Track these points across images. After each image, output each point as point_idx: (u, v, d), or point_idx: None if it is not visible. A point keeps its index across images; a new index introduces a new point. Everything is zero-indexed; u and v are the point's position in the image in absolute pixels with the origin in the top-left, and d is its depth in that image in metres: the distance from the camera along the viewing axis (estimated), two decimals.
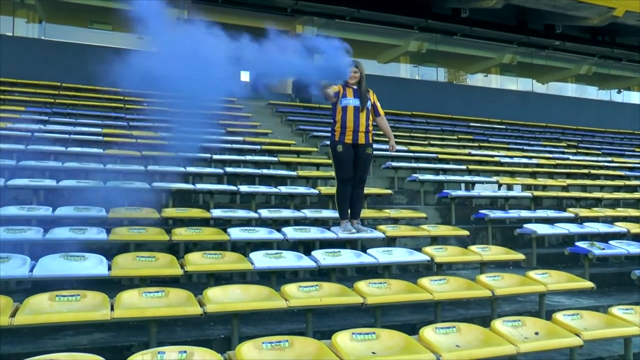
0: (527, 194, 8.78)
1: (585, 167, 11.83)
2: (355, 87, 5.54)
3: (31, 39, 14.82)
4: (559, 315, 3.78)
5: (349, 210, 5.65)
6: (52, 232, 4.70)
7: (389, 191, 8.12)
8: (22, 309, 3.16)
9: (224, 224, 6.06)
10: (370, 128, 5.62)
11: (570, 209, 7.97)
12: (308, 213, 6.35)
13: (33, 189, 6.22)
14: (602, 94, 22.48)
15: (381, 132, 6.17)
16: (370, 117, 5.62)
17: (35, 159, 7.30)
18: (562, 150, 14.00)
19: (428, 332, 3.27)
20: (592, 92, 22.46)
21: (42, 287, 4.26)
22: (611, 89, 22.44)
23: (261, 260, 4.50)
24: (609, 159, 13.19)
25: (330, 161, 6.67)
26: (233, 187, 7.05)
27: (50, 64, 13.68)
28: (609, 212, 8.11)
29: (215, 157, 8.77)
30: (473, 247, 5.63)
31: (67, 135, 8.82)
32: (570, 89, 22.39)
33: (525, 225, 6.76)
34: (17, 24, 14.89)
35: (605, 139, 17.01)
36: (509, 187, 9.85)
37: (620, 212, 8.26)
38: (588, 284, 4.83)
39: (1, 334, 3.50)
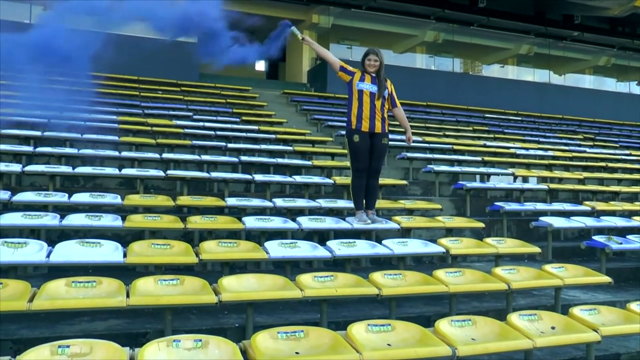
0: (543, 186, 8.69)
1: (602, 160, 11.70)
2: (373, 74, 5.50)
3: None
4: (576, 310, 3.73)
5: (364, 201, 5.63)
6: (68, 219, 4.72)
7: (404, 182, 8.09)
8: (40, 294, 3.18)
9: (238, 212, 6.06)
10: (386, 116, 5.58)
11: (586, 202, 7.88)
12: (323, 203, 6.33)
13: (49, 176, 6.25)
14: (621, 85, 22.18)
15: (396, 123, 6.13)
16: (386, 106, 5.59)
17: (51, 146, 7.35)
18: (578, 142, 13.84)
19: (444, 325, 3.25)
20: (610, 84, 22.18)
21: (58, 272, 4.31)
22: (630, 80, 22.11)
23: (276, 249, 4.49)
24: (627, 152, 13.03)
25: (345, 151, 6.65)
26: (248, 176, 7.05)
27: None
28: (627, 206, 8.01)
29: (230, 145, 8.79)
30: (488, 240, 5.59)
31: (82, 122, 8.86)
32: (588, 81, 22.12)
33: (541, 218, 6.70)
34: (34, 11, 14.94)
35: (622, 132, 16.80)
36: (525, 179, 9.76)
37: (639, 206, 8.15)
38: (605, 279, 4.77)
39: (19, 318, 3.55)
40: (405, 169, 9.43)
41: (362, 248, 4.86)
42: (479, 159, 10.06)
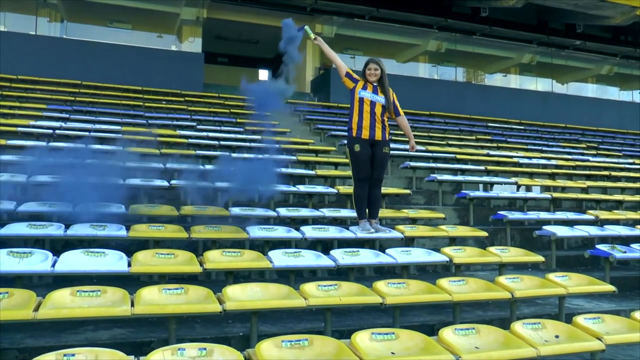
0: (546, 195, 8.68)
1: (605, 168, 11.69)
2: (375, 83, 5.54)
3: (53, 38, 15.01)
4: (579, 319, 3.73)
5: (367, 210, 5.64)
6: (72, 228, 4.75)
7: (407, 191, 8.09)
8: (45, 303, 3.19)
9: (242, 222, 6.08)
10: (387, 124, 5.60)
11: (590, 211, 7.88)
12: (326, 212, 6.35)
13: (54, 186, 6.27)
14: (624, 94, 22.17)
15: (400, 132, 6.14)
16: (386, 115, 5.61)
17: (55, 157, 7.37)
18: (581, 151, 13.84)
19: (447, 333, 3.25)
20: (613, 93, 22.17)
21: (63, 282, 4.33)
22: (633, 89, 22.12)
23: (280, 258, 4.51)
24: (630, 160, 13.01)
25: (347, 160, 6.68)
26: None
27: (70, 62, 13.86)
28: (631, 215, 7.99)
29: (234, 155, 8.80)
30: (492, 249, 5.58)
31: (87, 133, 8.91)
32: (590, 90, 22.14)
33: (545, 227, 6.69)
34: (39, 23, 15.09)
35: (626, 141, 16.78)
36: (528, 188, 9.77)
37: None
38: (609, 288, 4.76)
39: (25, 327, 3.56)
40: (408, 178, 9.44)
41: (366, 257, 4.87)
42: (482, 168, 10.06)
